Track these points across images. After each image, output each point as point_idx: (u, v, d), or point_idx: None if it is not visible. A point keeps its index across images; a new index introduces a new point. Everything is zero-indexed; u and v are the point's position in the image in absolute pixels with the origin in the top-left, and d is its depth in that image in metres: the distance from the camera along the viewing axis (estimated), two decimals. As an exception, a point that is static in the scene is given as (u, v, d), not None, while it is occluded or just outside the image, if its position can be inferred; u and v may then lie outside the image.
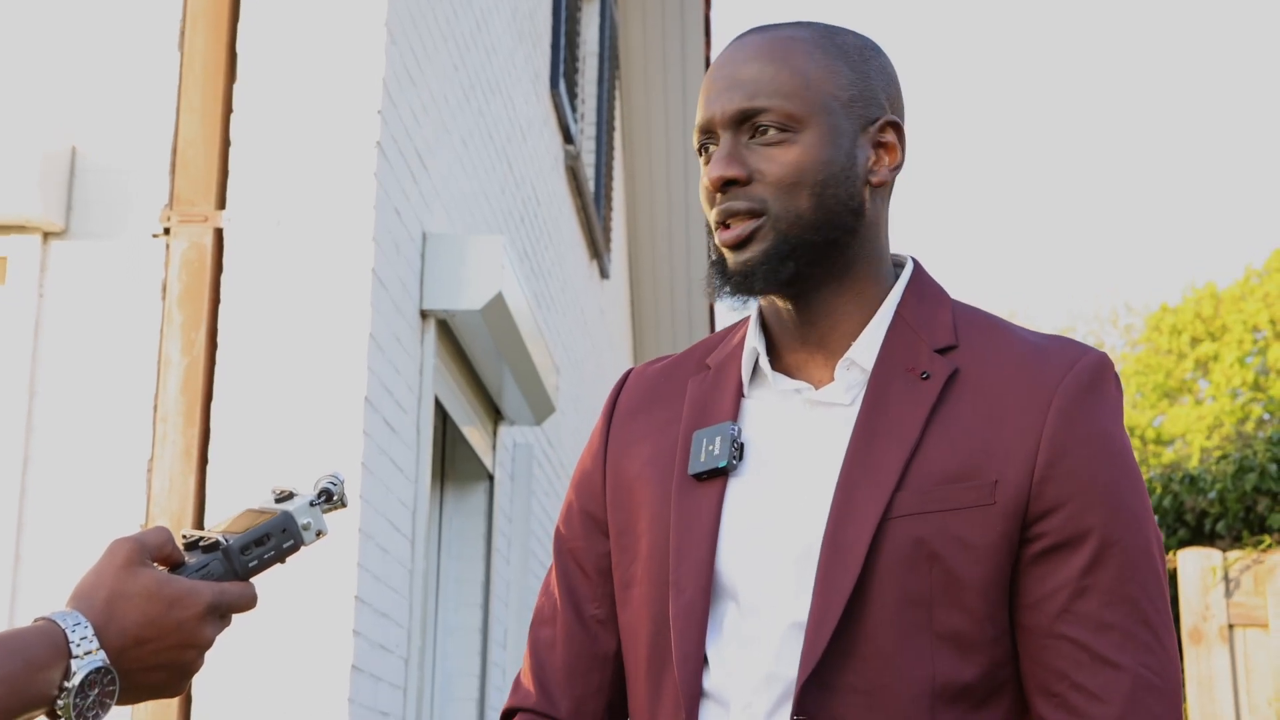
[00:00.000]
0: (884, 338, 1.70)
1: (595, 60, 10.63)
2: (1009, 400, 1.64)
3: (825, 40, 1.70)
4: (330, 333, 4.59)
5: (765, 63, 1.67)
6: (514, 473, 7.49)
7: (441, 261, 5.40)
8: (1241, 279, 30.81)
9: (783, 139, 1.65)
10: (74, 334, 4.62)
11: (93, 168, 4.69)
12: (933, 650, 1.59)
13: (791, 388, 1.71)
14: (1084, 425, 1.62)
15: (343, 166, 4.68)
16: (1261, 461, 6.91)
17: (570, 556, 1.83)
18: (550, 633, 1.82)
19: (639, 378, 1.86)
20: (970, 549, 1.59)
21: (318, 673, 4.43)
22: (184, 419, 4.51)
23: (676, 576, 1.67)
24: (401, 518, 5.09)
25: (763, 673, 1.62)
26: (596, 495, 1.81)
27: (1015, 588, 1.62)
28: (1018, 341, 1.69)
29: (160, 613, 1.42)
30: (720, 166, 1.66)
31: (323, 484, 1.56)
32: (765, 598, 1.64)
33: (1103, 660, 1.58)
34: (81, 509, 4.49)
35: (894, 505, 1.60)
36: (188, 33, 4.74)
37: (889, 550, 1.59)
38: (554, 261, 8.69)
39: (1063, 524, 1.60)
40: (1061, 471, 1.60)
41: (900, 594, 1.59)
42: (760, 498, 1.68)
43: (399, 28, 4.95)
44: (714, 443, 1.70)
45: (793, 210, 1.65)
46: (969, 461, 1.61)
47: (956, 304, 1.75)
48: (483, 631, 6.79)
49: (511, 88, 7.30)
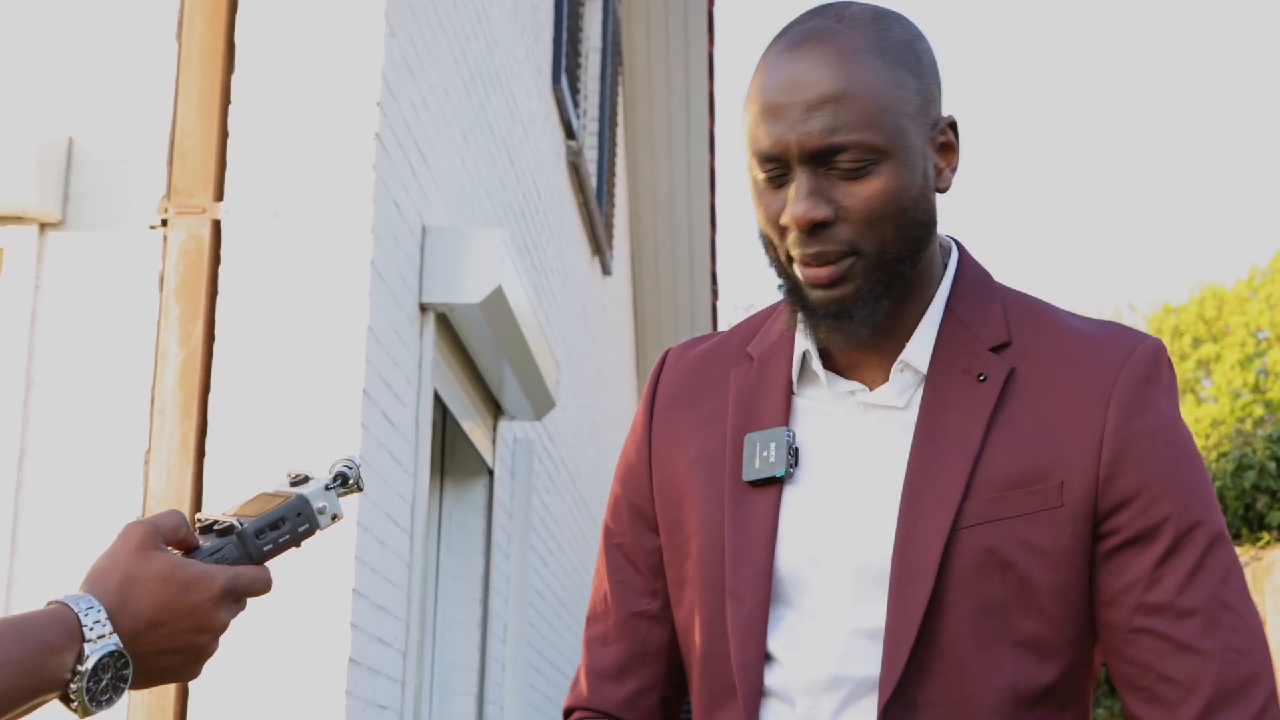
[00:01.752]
0: (936, 336, 1.66)
1: (598, 55, 10.62)
2: (1068, 398, 1.61)
3: (882, 43, 1.61)
4: (328, 325, 4.58)
5: (835, 87, 1.57)
6: (514, 468, 7.48)
7: (441, 255, 5.39)
8: (1245, 279, 30.78)
9: (866, 171, 1.58)
10: (71, 326, 4.61)
11: (90, 159, 4.68)
12: (1012, 658, 1.58)
13: (845, 390, 1.68)
14: (1145, 417, 1.60)
15: (341, 159, 4.67)
16: (1260, 460, 6.92)
17: (620, 551, 1.82)
18: (603, 629, 1.81)
19: (677, 363, 1.82)
20: (1042, 554, 1.58)
21: (315, 666, 4.42)
22: (181, 411, 4.50)
23: (734, 585, 1.65)
24: (400, 511, 5.08)
25: (828, 674, 1.61)
26: (644, 490, 1.79)
27: (1094, 586, 1.60)
28: (1070, 333, 1.66)
29: (174, 596, 1.41)
30: (807, 208, 1.58)
31: (338, 467, 1.55)
32: (825, 605, 1.63)
33: (1186, 648, 1.56)
34: (78, 501, 4.49)
35: (962, 515, 1.58)
36: (186, 24, 4.73)
37: (960, 561, 1.57)
38: (555, 257, 8.68)
39: (1134, 518, 1.58)
40: (1127, 466, 1.59)
41: (975, 604, 1.57)
42: (818, 506, 1.65)
43: (398, 19, 4.94)
44: (769, 449, 1.67)
45: (879, 245, 1.60)
46: (1033, 465, 1.59)
47: (1005, 291, 1.71)
48: (482, 626, 6.78)
49: (513, 82, 7.29)
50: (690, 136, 12.51)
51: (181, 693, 4.38)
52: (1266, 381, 29.71)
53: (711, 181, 12.76)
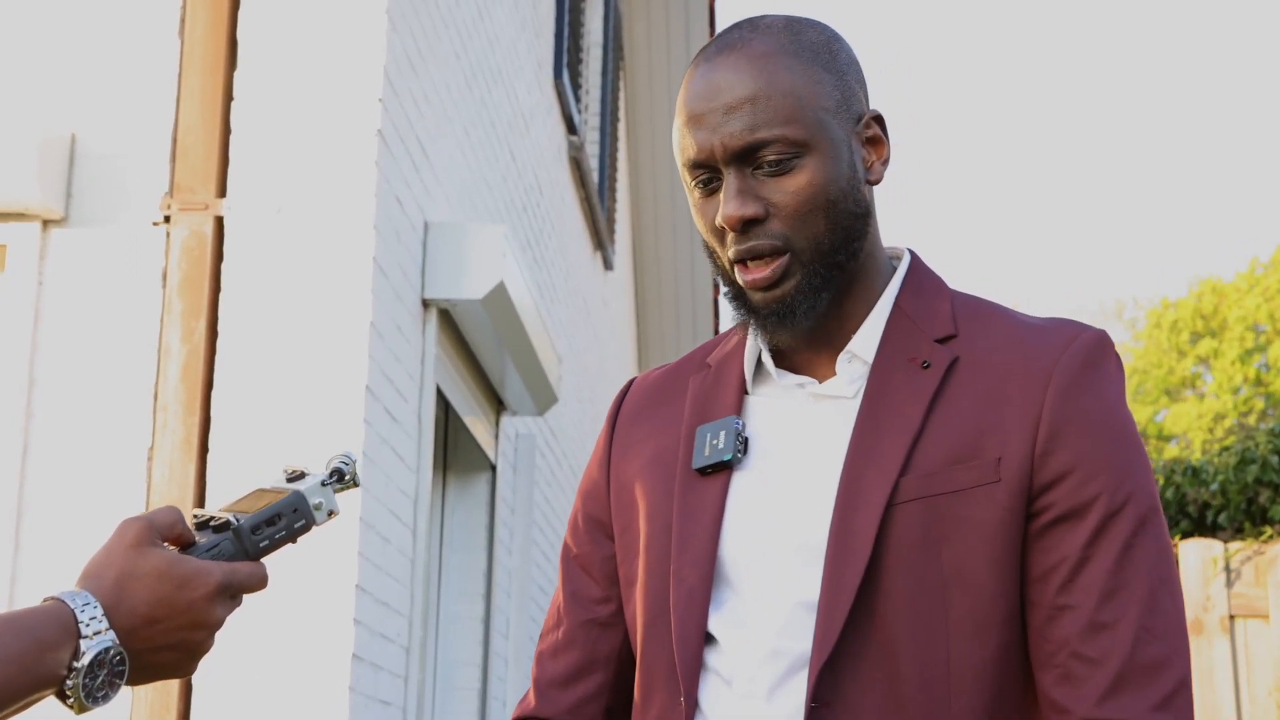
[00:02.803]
0: (884, 329, 1.70)
1: (599, 51, 10.62)
2: (1009, 380, 1.64)
3: (796, 45, 1.67)
4: (331, 321, 4.58)
5: (752, 88, 1.63)
6: (516, 463, 7.49)
7: (443, 250, 5.40)
8: (1246, 271, 30.76)
9: (791, 166, 1.63)
10: (74, 322, 4.61)
11: (92, 155, 4.68)
12: (948, 632, 1.59)
13: (795, 383, 1.71)
14: (1084, 398, 1.63)
15: (343, 154, 4.67)
16: (1263, 453, 6.91)
17: (576, 564, 1.85)
18: (554, 640, 1.84)
19: (641, 385, 1.87)
20: (978, 527, 1.59)
21: (318, 661, 4.42)
22: (184, 407, 4.50)
23: (678, 566, 1.67)
24: (403, 507, 5.09)
25: (767, 649, 1.62)
26: (602, 501, 1.83)
27: (1024, 562, 1.61)
28: (1016, 325, 1.69)
29: (170, 592, 1.41)
30: (736, 206, 1.63)
31: (334, 463, 1.55)
32: (768, 583, 1.65)
33: (1103, 626, 1.57)
34: (81, 497, 4.49)
35: (899, 490, 1.60)
36: (188, 20, 4.73)
37: (897, 535, 1.59)
38: (556, 252, 8.67)
39: (1066, 495, 1.60)
40: (1063, 444, 1.60)
41: (911, 578, 1.59)
42: (764, 488, 1.68)
43: (400, 15, 4.94)
44: (718, 437, 1.70)
45: (812, 238, 1.64)
46: (971, 442, 1.61)
47: (955, 293, 1.75)
48: (484, 621, 6.79)
49: (514, 77, 7.29)
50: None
51: (185, 688, 4.38)
52: (1268, 376, 29.70)
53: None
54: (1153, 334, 31.77)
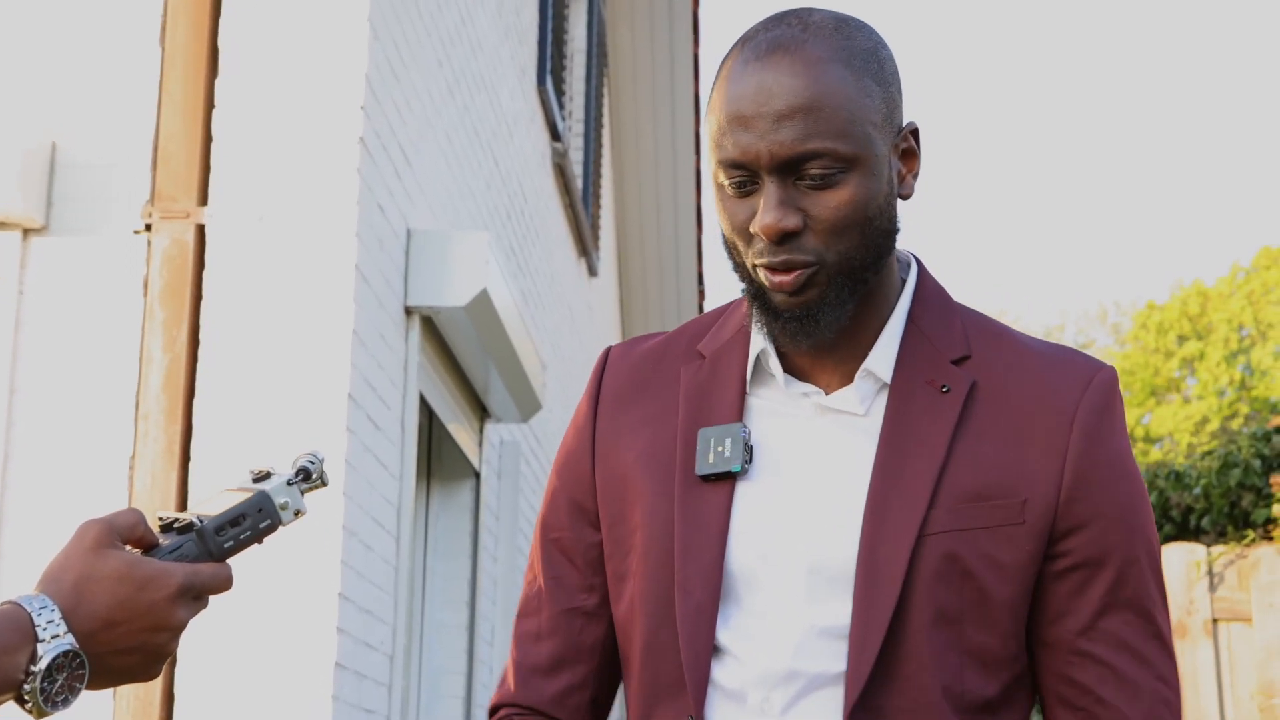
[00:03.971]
0: (899, 347, 1.68)
1: (583, 57, 10.62)
2: (1030, 416, 1.65)
3: (848, 52, 1.62)
4: (313, 329, 4.57)
5: (805, 98, 1.58)
6: (501, 470, 7.48)
7: (426, 258, 5.39)
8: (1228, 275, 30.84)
9: (834, 181, 1.59)
10: (55, 331, 4.60)
11: (73, 164, 4.67)
12: (961, 667, 1.60)
13: (800, 391, 1.69)
14: (1104, 446, 1.65)
15: (325, 162, 4.66)
16: (1245, 457, 6.93)
17: (556, 547, 1.80)
18: (535, 624, 1.80)
19: (622, 359, 1.82)
20: (1000, 568, 1.61)
21: (301, 670, 4.41)
22: (166, 416, 4.49)
23: (684, 578, 1.65)
24: (386, 515, 5.08)
25: (783, 668, 1.61)
26: (585, 485, 1.78)
27: (1037, 603, 1.64)
28: (1026, 352, 1.70)
29: (130, 595, 1.40)
30: (776, 217, 1.59)
31: (301, 462, 1.53)
32: (777, 602, 1.63)
33: (1123, 678, 1.63)
34: (63, 507, 4.47)
35: (928, 522, 1.60)
36: (169, 27, 4.72)
37: (924, 567, 1.59)
38: (541, 259, 8.67)
39: (1087, 544, 1.63)
40: (1085, 492, 1.63)
41: (934, 611, 1.59)
42: (773, 503, 1.66)
43: (382, 23, 4.94)
44: (724, 444, 1.67)
45: (844, 254, 1.62)
46: (996, 480, 1.62)
47: (961, 307, 1.74)
48: (469, 629, 6.78)
49: (497, 84, 7.29)
50: (676, 137, 12.51)
51: (167, 698, 4.37)
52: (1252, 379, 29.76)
53: (697, 182, 12.77)
54: (1139, 335, 31.83)
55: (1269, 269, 30.08)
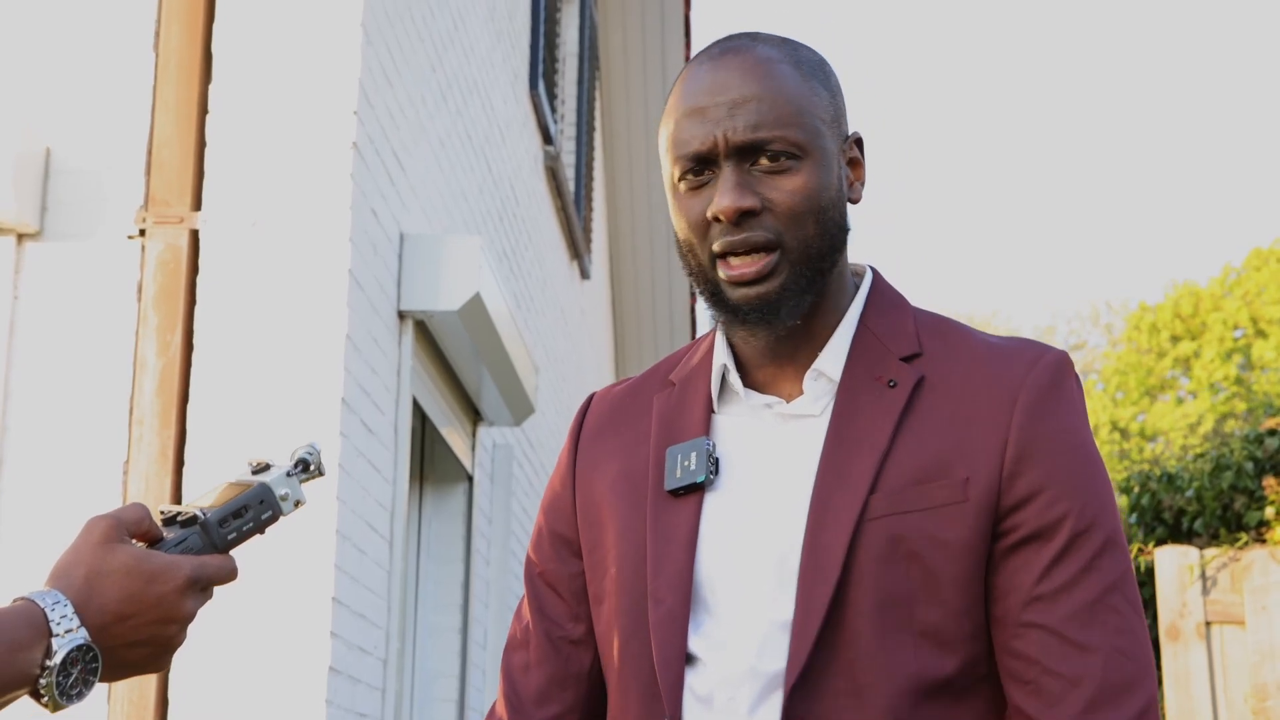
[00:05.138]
0: (850, 347, 1.72)
1: (575, 61, 10.63)
2: (975, 401, 1.67)
3: (796, 58, 1.71)
4: (307, 334, 4.58)
5: (758, 88, 1.67)
6: (493, 473, 7.49)
7: (419, 262, 5.40)
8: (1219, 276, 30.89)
9: (788, 167, 1.66)
10: (49, 336, 4.60)
11: (67, 169, 4.68)
12: (914, 647, 1.61)
13: (762, 403, 1.73)
14: (1049, 420, 1.65)
15: (318, 167, 4.67)
16: (1238, 460, 6.94)
17: (542, 580, 1.85)
18: (524, 657, 1.84)
19: (602, 401, 1.88)
20: (946, 546, 1.62)
21: (295, 674, 4.41)
22: (160, 421, 4.50)
23: (655, 588, 1.68)
24: (379, 519, 5.08)
25: (744, 668, 1.64)
26: (567, 516, 1.83)
27: (989, 581, 1.64)
28: (979, 344, 1.72)
29: (140, 588, 1.41)
30: (734, 197, 1.64)
31: (299, 454, 1.56)
32: (744, 603, 1.66)
33: (1074, 645, 1.60)
34: (57, 511, 4.48)
35: (869, 508, 1.62)
36: (162, 33, 4.73)
37: (867, 551, 1.61)
38: (533, 262, 8.68)
39: (1034, 516, 1.63)
40: (1029, 465, 1.63)
41: (880, 594, 1.61)
42: (737, 509, 1.69)
43: (375, 28, 4.95)
44: (689, 458, 1.71)
45: (803, 240, 1.66)
46: (939, 461, 1.64)
47: (917, 310, 1.77)
48: (462, 633, 6.78)
49: (490, 88, 7.29)
50: (668, 141, 12.50)
51: (161, 703, 4.37)
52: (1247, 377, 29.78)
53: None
54: (1132, 335, 31.87)
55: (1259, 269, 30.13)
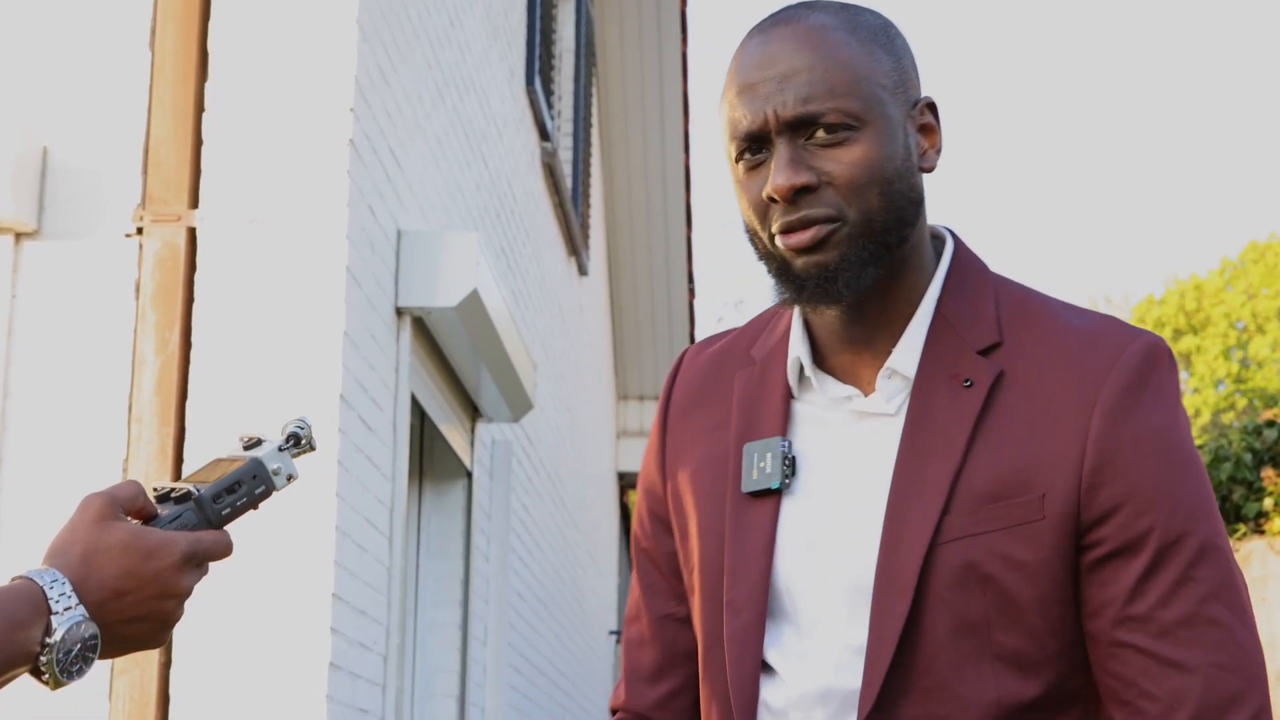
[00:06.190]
0: (925, 340, 1.63)
1: (572, 57, 10.63)
2: (1054, 402, 1.57)
3: (854, 25, 1.61)
4: (305, 331, 4.59)
5: (808, 58, 1.57)
6: (492, 470, 7.49)
7: (416, 259, 5.40)
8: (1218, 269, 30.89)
9: (845, 138, 1.56)
10: (47, 334, 4.61)
11: (65, 168, 4.68)
12: (994, 673, 1.55)
13: (841, 395, 1.66)
14: (1130, 424, 1.56)
15: (316, 164, 4.67)
16: (1236, 451, 6.95)
17: (646, 556, 1.82)
18: (638, 631, 1.83)
19: (691, 365, 1.81)
20: (1022, 567, 1.55)
21: (296, 671, 4.42)
22: (159, 418, 4.50)
23: (732, 597, 1.65)
24: (379, 515, 5.09)
25: (820, 686, 1.60)
26: (659, 496, 1.79)
27: (1080, 595, 1.57)
28: (1064, 331, 1.62)
29: (137, 564, 1.41)
30: (789, 174, 1.55)
31: (290, 428, 1.56)
32: (820, 620, 1.62)
33: (1171, 664, 1.52)
34: (56, 510, 4.46)
35: (942, 529, 1.55)
36: (159, 31, 4.73)
37: (940, 576, 1.55)
38: (531, 259, 8.68)
39: (1118, 530, 1.54)
40: (1110, 476, 1.55)
41: (955, 620, 1.55)
42: (813, 518, 1.64)
43: (371, 25, 4.95)
44: (765, 459, 1.66)
45: (865, 212, 1.57)
46: (1016, 475, 1.56)
47: (999, 285, 1.68)
48: (462, 629, 6.79)
49: (486, 85, 7.30)
50: (665, 136, 12.53)
51: (162, 699, 4.38)
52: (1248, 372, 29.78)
53: (687, 180, 12.78)
54: (1137, 326, 31.87)
55: (1256, 263, 30.13)
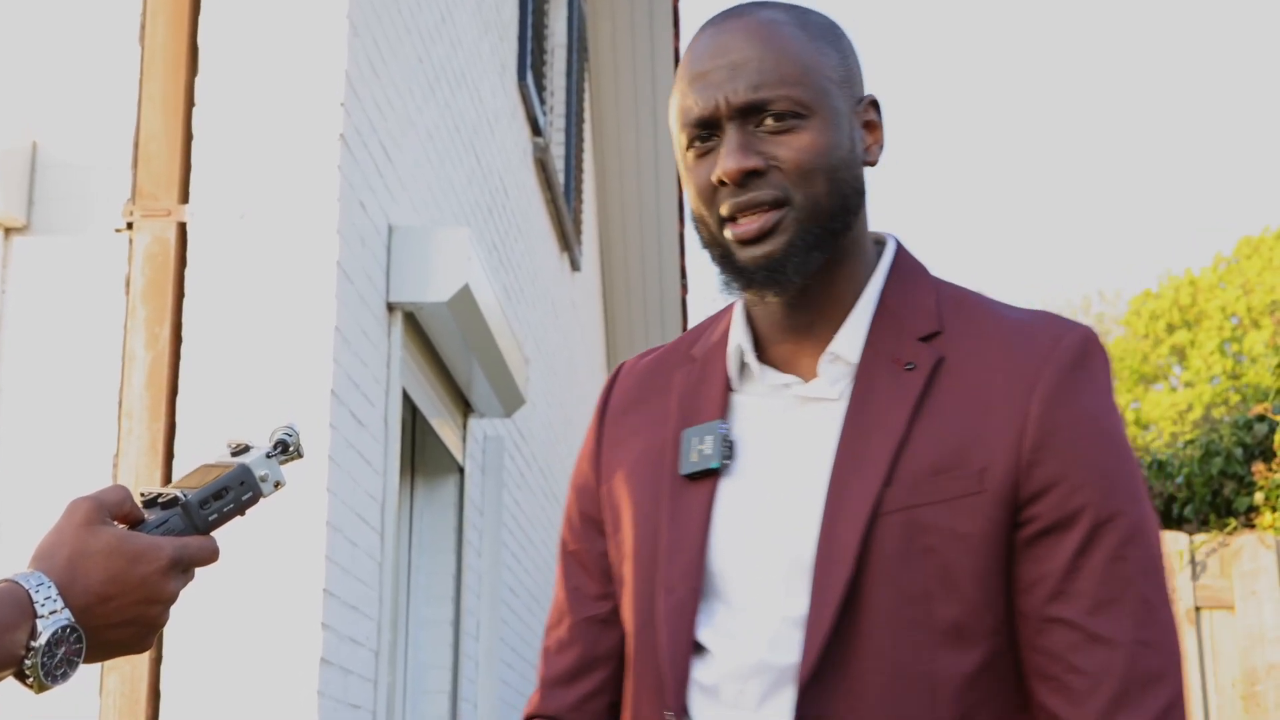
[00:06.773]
0: (868, 327, 1.67)
1: (564, 52, 10.62)
2: (994, 385, 1.61)
3: (804, 21, 1.67)
4: (295, 326, 4.58)
5: (759, 49, 1.63)
6: (484, 465, 7.49)
7: (407, 254, 5.39)
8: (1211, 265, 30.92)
9: (793, 125, 1.61)
10: (37, 330, 4.60)
11: (54, 163, 4.67)
12: (933, 644, 1.57)
13: (780, 383, 1.69)
14: (1070, 406, 1.60)
15: (306, 159, 4.67)
16: (1227, 446, 6.96)
17: (573, 559, 1.84)
18: (557, 636, 1.84)
19: (629, 374, 1.85)
20: (963, 539, 1.57)
21: (287, 666, 4.42)
22: (149, 414, 4.50)
23: (667, 576, 1.66)
24: (370, 511, 5.08)
25: (754, 661, 1.61)
26: (593, 495, 1.81)
27: (1012, 573, 1.59)
28: (1002, 322, 1.67)
29: (123, 569, 1.42)
30: (737, 158, 1.61)
31: (278, 435, 1.57)
32: (756, 596, 1.63)
33: (1097, 639, 1.56)
34: (46, 505, 4.46)
35: (884, 501, 1.58)
36: (148, 26, 4.72)
37: (882, 546, 1.57)
38: (523, 254, 8.68)
39: (1053, 507, 1.58)
40: (1047, 454, 1.58)
41: (896, 591, 1.57)
42: (751, 498, 1.66)
43: (361, 20, 4.94)
44: (704, 442, 1.68)
45: (812, 198, 1.61)
46: (956, 451, 1.59)
47: (939, 283, 1.72)
48: (454, 624, 6.79)
49: (478, 79, 7.29)
50: (657, 131, 12.52)
51: (153, 694, 4.37)
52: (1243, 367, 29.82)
53: (679, 175, 12.77)
54: (1131, 321, 31.89)
55: (1250, 258, 30.17)
